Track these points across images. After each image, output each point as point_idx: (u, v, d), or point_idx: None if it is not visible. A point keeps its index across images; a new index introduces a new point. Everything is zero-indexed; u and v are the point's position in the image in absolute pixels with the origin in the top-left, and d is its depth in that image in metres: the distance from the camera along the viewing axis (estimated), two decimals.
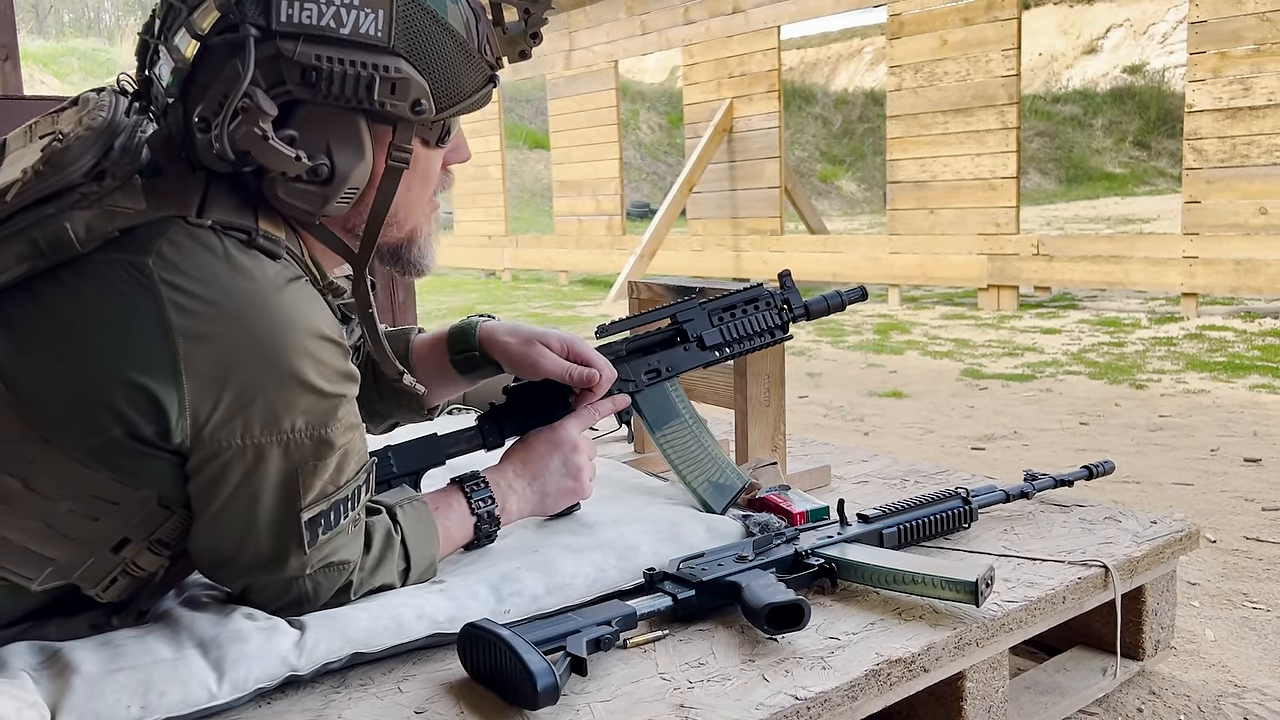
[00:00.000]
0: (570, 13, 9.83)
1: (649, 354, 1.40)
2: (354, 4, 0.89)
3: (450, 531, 1.16)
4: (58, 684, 0.90)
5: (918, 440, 3.29)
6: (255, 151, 0.89)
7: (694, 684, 0.97)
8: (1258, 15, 5.50)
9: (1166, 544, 1.35)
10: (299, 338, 0.92)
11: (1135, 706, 1.37)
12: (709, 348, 1.41)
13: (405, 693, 0.97)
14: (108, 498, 0.91)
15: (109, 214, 0.88)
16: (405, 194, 1.03)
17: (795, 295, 1.45)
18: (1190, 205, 5.85)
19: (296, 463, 0.94)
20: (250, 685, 0.94)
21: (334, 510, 0.99)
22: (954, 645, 1.07)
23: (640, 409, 1.39)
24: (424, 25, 0.94)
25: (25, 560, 0.91)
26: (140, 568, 0.98)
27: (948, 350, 5.28)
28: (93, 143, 0.90)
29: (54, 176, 0.87)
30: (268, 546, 0.98)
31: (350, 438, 0.99)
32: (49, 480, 0.89)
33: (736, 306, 1.44)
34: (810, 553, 1.19)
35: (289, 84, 0.90)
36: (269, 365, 0.90)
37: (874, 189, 17.18)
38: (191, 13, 0.89)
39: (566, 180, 10.19)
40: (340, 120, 0.94)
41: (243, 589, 1.02)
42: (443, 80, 0.97)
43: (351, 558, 1.04)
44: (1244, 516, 2.32)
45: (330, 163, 0.94)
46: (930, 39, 6.95)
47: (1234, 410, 3.60)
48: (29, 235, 0.86)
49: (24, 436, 0.87)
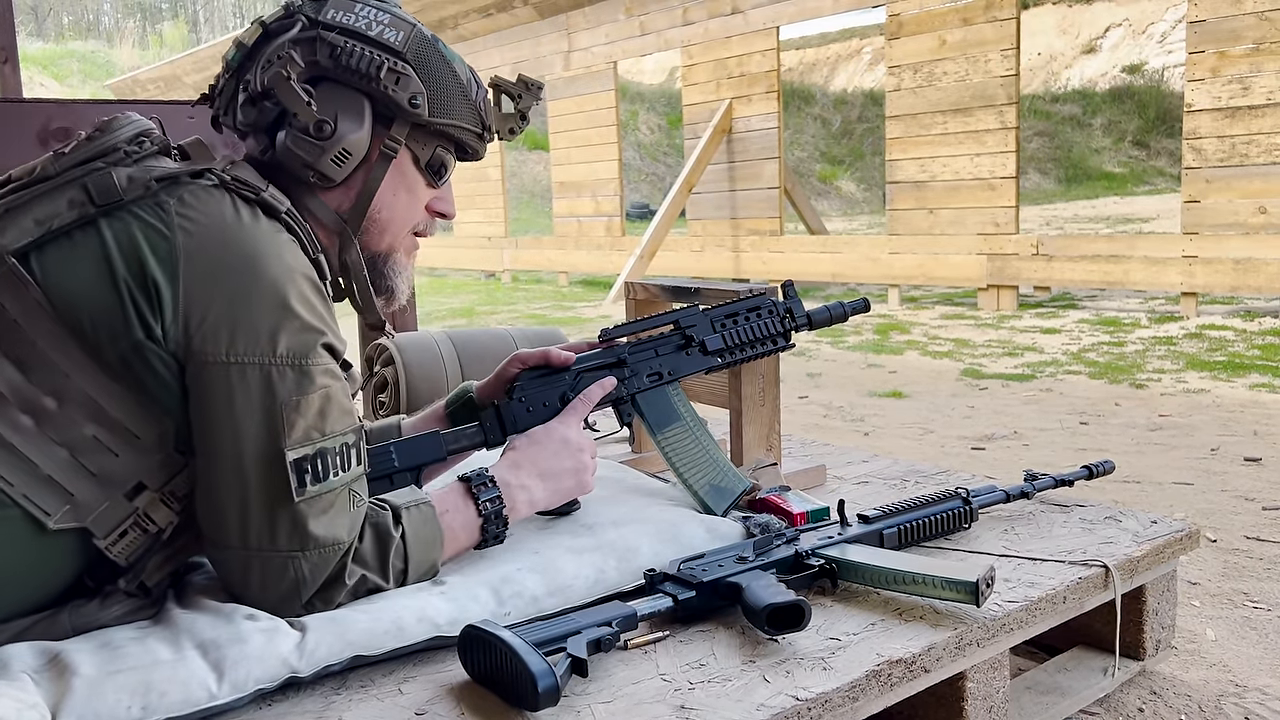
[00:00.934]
0: (569, 14, 9.83)
1: (652, 357, 1.41)
2: (384, 21, 1.14)
3: (456, 533, 1.17)
4: (58, 685, 0.90)
5: (918, 440, 3.29)
6: (279, 89, 1.10)
7: (695, 685, 0.97)
8: (1256, 15, 5.50)
9: (1167, 544, 1.35)
10: (285, 268, 1.05)
11: (1136, 706, 1.37)
12: (711, 353, 1.43)
13: (406, 694, 0.97)
14: (130, 426, 1.01)
15: (146, 169, 1.05)
16: (390, 198, 1.20)
17: (798, 305, 1.47)
18: (1189, 205, 5.85)
19: (278, 394, 1.01)
20: (250, 686, 0.94)
21: (320, 459, 1.02)
22: (955, 645, 1.07)
23: (642, 411, 1.40)
24: (432, 53, 1.17)
25: (46, 490, 0.98)
26: (151, 520, 1.03)
27: (948, 350, 5.28)
28: (132, 120, 1.09)
29: (103, 138, 1.06)
30: (258, 488, 1.00)
31: (330, 382, 1.05)
32: (79, 398, 0.99)
33: (740, 314, 1.46)
34: (811, 553, 1.19)
35: (318, 57, 1.12)
36: (256, 282, 1.02)
37: (873, 189, 17.18)
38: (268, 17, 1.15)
39: (566, 181, 10.19)
40: (351, 98, 1.14)
41: (242, 569, 1.03)
42: (438, 94, 1.17)
43: (345, 537, 1.05)
44: (1244, 516, 2.32)
45: (334, 124, 1.13)
46: (929, 39, 6.95)
47: (1234, 409, 3.60)
48: (81, 182, 1.03)
49: (64, 349, 0.99)
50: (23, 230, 1.00)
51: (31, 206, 1.02)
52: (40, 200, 1.02)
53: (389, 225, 1.22)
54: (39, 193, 1.02)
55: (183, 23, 34.12)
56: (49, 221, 1.01)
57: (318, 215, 1.18)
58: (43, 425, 0.98)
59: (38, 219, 1.01)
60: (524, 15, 10.24)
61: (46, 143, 2.18)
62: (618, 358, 1.40)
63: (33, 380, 0.98)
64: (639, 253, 8.20)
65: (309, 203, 1.17)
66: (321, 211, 1.18)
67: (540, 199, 16.45)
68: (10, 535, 0.97)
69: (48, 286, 1.00)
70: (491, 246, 11.19)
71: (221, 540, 1.03)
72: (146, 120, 1.12)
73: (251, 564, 1.02)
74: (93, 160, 1.04)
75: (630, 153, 17.61)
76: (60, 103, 2.29)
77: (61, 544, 1.00)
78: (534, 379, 1.35)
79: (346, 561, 1.05)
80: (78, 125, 2.22)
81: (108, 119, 1.08)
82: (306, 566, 1.02)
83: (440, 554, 1.14)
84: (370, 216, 1.19)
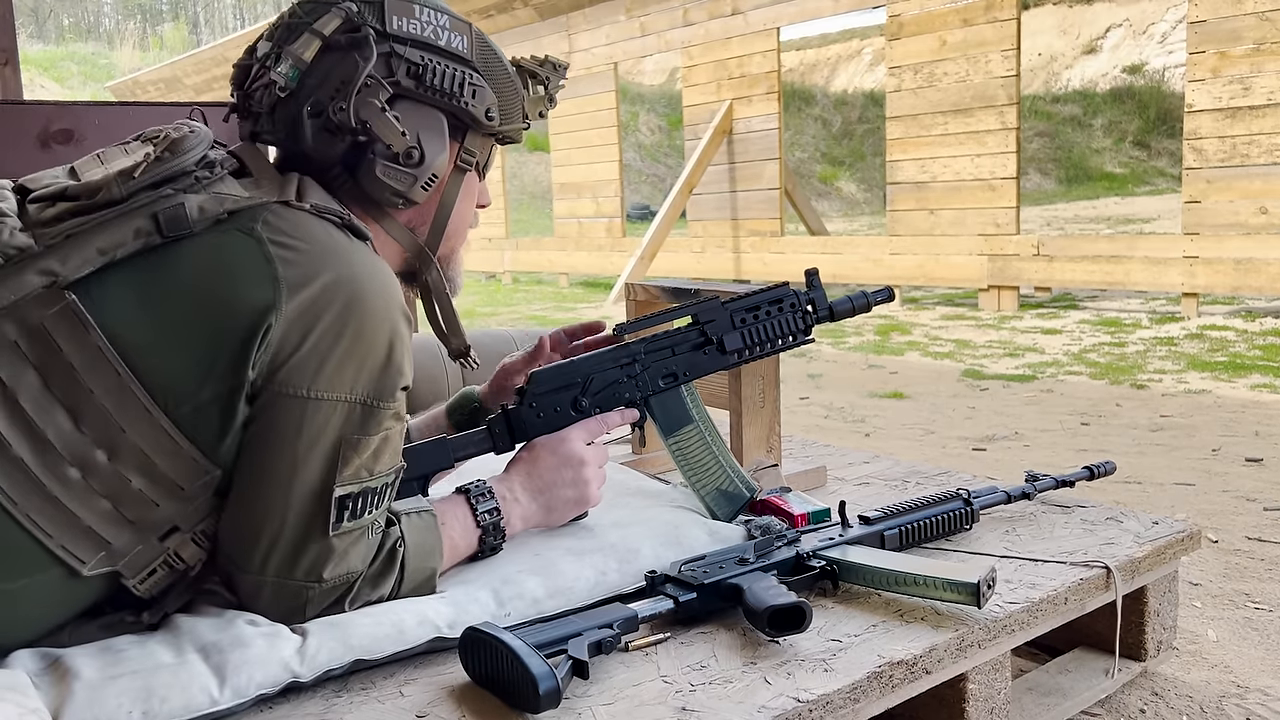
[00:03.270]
0: (569, 15, 9.83)
1: (668, 356, 1.36)
2: (446, 26, 1.09)
3: (455, 542, 1.15)
4: (59, 689, 0.90)
5: (919, 441, 3.29)
6: (373, 121, 1.04)
7: (696, 687, 0.97)
8: (1257, 15, 5.50)
9: (1168, 544, 1.35)
10: (389, 304, 1.01)
11: (1138, 707, 1.36)
12: (729, 351, 1.36)
13: (407, 696, 0.97)
14: (178, 480, 0.96)
15: (218, 198, 0.98)
16: (457, 207, 1.18)
17: (821, 295, 1.39)
18: (1190, 205, 5.85)
19: (345, 431, 0.98)
20: (252, 691, 0.94)
21: (362, 498, 1.01)
22: (956, 647, 1.07)
23: (653, 412, 1.36)
24: (493, 57, 1.14)
25: (85, 541, 0.94)
26: (181, 559, 1.00)
27: (948, 351, 5.28)
28: (201, 138, 1.02)
29: (173, 161, 0.98)
30: (296, 520, 0.98)
31: (394, 426, 1.03)
32: (131, 453, 0.93)
33: (761, 307, 1.38)
34: (812, 555, 1.19)
35: (397, 76, 1.06)
36: (364, 322, 0.98)
37: (874, 190, 17.18)
38: (314, 21, 1.04)
39: (566, 182, 10.19)
40: (430, 116, 1.10)
41: (254, 591, 1.01)
42: (504, 99, 1.15)
43: (359, 568, 1.04)
44: (1246, 516, 2.32)
45: (420, 148, 1.08)
46: (930, 40, 6.95)
47: (1235, 410, 3.59)
48: (150, 210, 0.95)
49: (121, 402, 0.93)
50: (84, 260, 0.92)
51: (96, 234, 0.93)
52: (106, 227, 0.94)
53: (457, 232, 1.20)
54: (105, 219, 0.94)
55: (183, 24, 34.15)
56: (113, 251, 0.93)
57: (393, 235, 1.15)
58: (89, 478, 0.93)
59: (102, 248, 0.93)
60: (524, 16, 10.24)
61: (47, 144, 2.18)
62: (632, 357, 1.34)
63: (84, 430, 0.92)
64: (639, 254, 8.20)
65: (384, 225, 1.14)
66: (398, 233, 1.15)
67: (541, 200, 16.44)
68: (45, 583, 0.94)
69: (110, 328, 0.92)
70: (492, 247, 11.19)
71: (242, 564, 1.01)
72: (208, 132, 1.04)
73: (264, 588, 1.01)
74: (162, 184, 0.97)
75: (631, 154, 17.61)
76: (61, 104, 2.29)
77: (91, 584, 0.97)
78: (547, 387, 1.29)
79: (354, 586, 1.04)
80: (78, 127, 2.22)
81: (178, 136, 1.00)
82: (318, 594, 1.02)
83: (439, 563, 1.12)
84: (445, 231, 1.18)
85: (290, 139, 1.07)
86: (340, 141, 1.06)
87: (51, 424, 0.91)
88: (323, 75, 1.04)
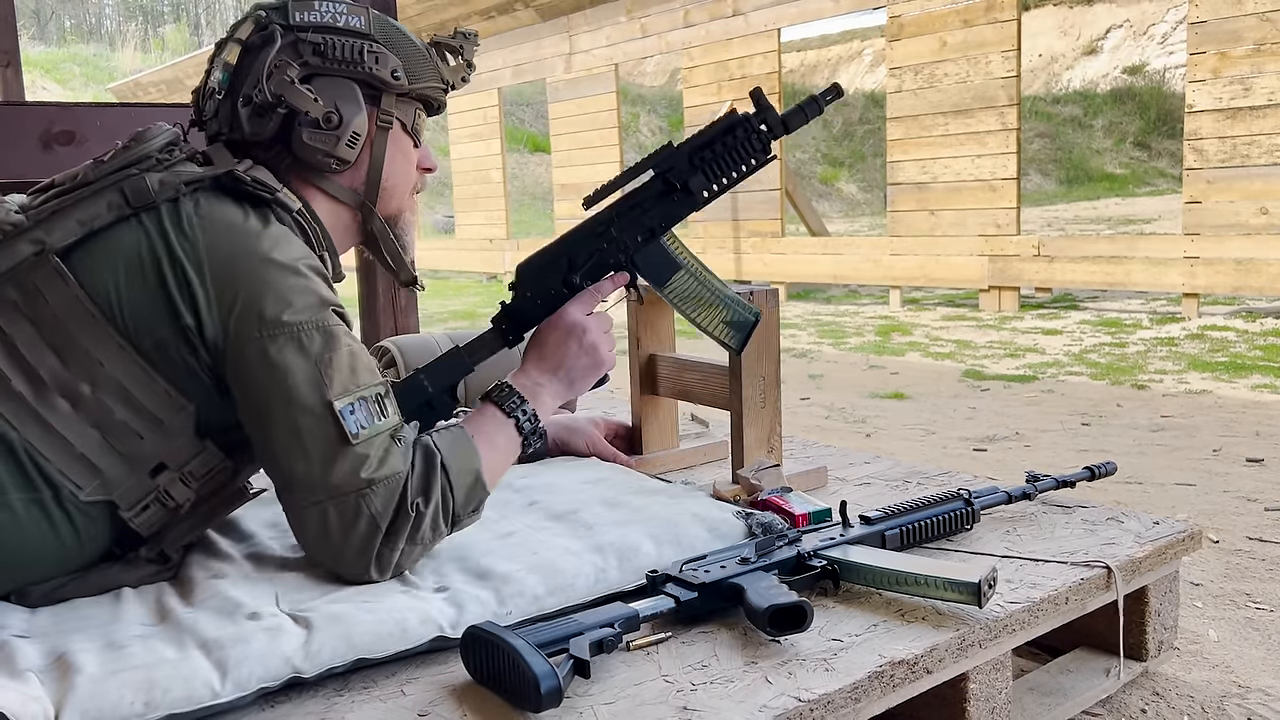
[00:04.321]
0: (570, 16, 9.84)
1: (640, 214, 1.38)
2: (344, 11, 1.25)
3: (498, 445, 1.25)
4: (62, 684, 0.91)
5: (920, 442, 3.29)
6: (287, 94, 1.19)
7: (697, 686, 0.97)
8: (1257, 15, 5.50)
9: (1169, 544, 1.35)
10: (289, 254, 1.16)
11: (1139, 708, 1.36)
12: (695, 192, 1.37)
13: (408, 695, 0.97)
14: (156, 411, 1.12)
15: (175, 173, 1.16)
16: (391, 165, 1.31)
17: (771, 112, 1.36)
18: (1191, 205, 5.85)
19: (311, 352, 1.12)
20: (253, 685, 0.94)
21: (361, 405, 1.13)
22: (957, 646, 1.07)
23: (641, 270, 1.39)
24: (392, 29, 1.29)
25: (80, 466, 1.09)
26: (171, 497, 1.14)
27: (949, 352, 5.28)
28: (163, 132, 1.21)
29: (138, 147, 1.18)
30: (314, 444, 1.10)
31: (352, 342, 1.16)
32: (112, 385, 1.10)
33: (715, 142, 1.37)
34: (813, 554, 1.19)
35: (305, 56, 1.22)
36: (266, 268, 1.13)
37: (874, 191, 17.18)
38: (235, 32, 1.24)
39: (567, 183, 10.19)
40: (343, 85, 1.25)
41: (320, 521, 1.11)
42: (410, 64, 1.29)
43: (402, 467, 1.13)
44: (1247, 517, 2.32)
45: (338, 112, 1.23)
46: (930, 41, 6.95)
47: (1236, 410, 3.59)
48: (119, 186, 1.14)
49: (99, 340, 1.10)
50: (67, 230, 1.12)
51: (75, 209, 1.13)
52: (83, 203, 1.13)
53: (396, 190, 1.33)
54: (81, 196, 1.14)
55: (184, 26, 34.17)
56: (90, 222, 1.13)
57: (339, 197, 1.30)
58: (79, 409, 1.09)
59: (80, 220, 1.12)
60: (525, 18, 10.24)
61: (49, 145, 2.19)
62: (605, 224, 1.37)
63: (70, 368, 1.10)
64: None
65: (329, 188, 1.29)
66: (341, 193, 1.30)
67: (542, 201, 16.45)
68: (51, 504, 1.09)
69: (87, 282, 1.11)
70: (493, 248, 11.19)
71: (296, 500, 1.13)
72: (174, 129, 1.23)
73: (328, 513, 1.11)
74: (128, 167, 1.16)
75: (631, 155, 17.60)
76: (62, 106, 2.29)
77: (93, 514, 1.11)
78: (534, 272, 1.37)
79: (408, 492, 1.13)
80: (79, 128, 2.22)
81: (142, 130, 1.20)
82: (378, 501, 1.11)
83: (479, 462, 1.20)
84: (381, 186, 1.31)
85: (232, 130, 1.23)
86: (269, 120, 1.21)
87: (43, 364, 1.09)
88: (245, 71, 1.22)
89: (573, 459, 1.67)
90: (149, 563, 1.17)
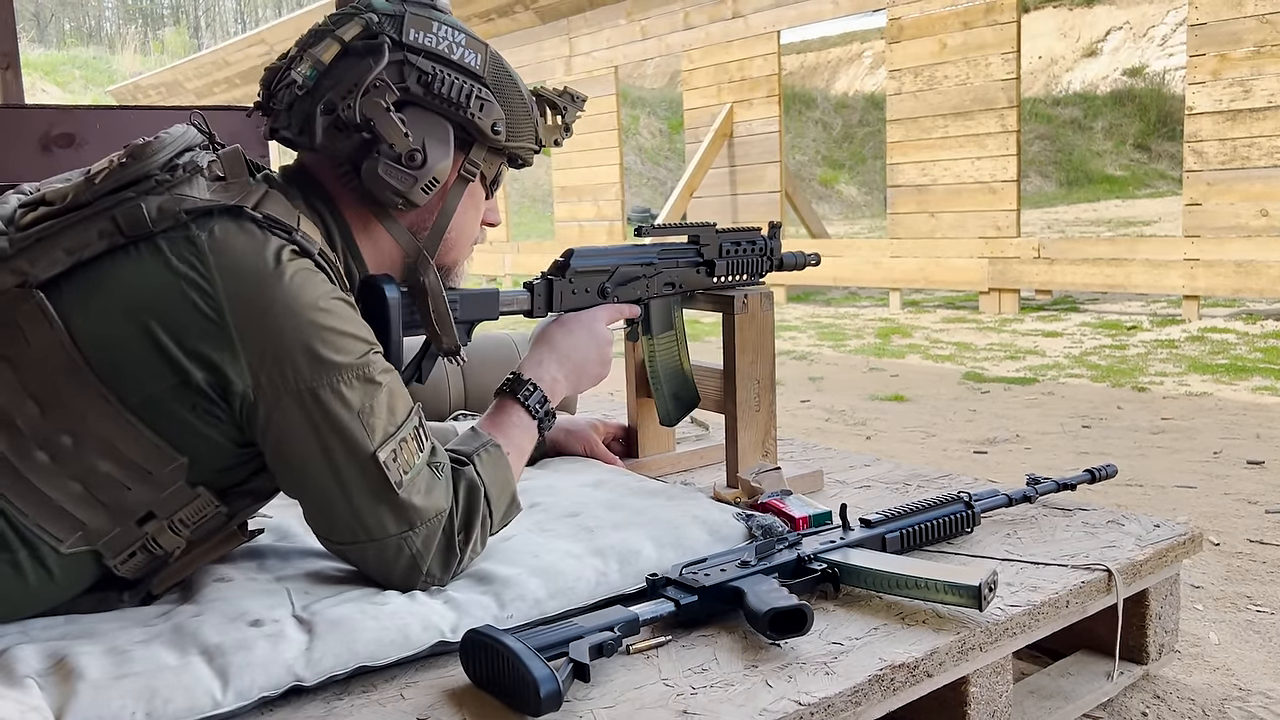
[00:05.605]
0: (570, 18, 9.85)
1: (673, 266, 1.54)
2: (461, 43, 1.15)
3: (524, 452, 1.29)
4: (62, 690, 0.90)
5: (920, 444, 3.29)
6: (377, 120, 1.09)
7: (697, 690, 0.97)
8: (1257, 17, 5.50)
9: (1169, 547, 1.35)
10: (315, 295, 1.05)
11: (1139, 710, 1.36)
12: (713, 274, 1.57)
13: (408, 699, 0.97)
14: (144, 464, 1.01)
15: (177, 199, 1.02)
16: (462, 217, 1.24)
17: (778, 246, 1.64)
18: (1191, 208, 5.85)
19: (355, 405, 1.05)
20: (255, 694, 0.94)
21: (401, 447, 1.08)
22: (957, 650, 1.07)
23: (649, 313, 1.54)
24: (505, 76, 1.20)
25: (59, 520, 1.00)
26: (159, 545, 1.06)
27: (949, 354, 5.28)
28: (167, 144, 1.05)
29: (135, 166, 1.03)
30: (360, 495, 1.06)
31: (389, 377, 1.10)
32: (95, 439, 0.99)
33: (741, 244, 1.59)
34: (813, 558, 1.19)
35: (407, 83, 1.12)
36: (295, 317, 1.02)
37: (874, 193, 17.18)
38: (337, 28, 1.11)
39: (567, 186, 10.20)
40: (437, 124, 1.15)
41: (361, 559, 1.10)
42: (512, 118, 1.20)
43: (444, 504, 1.11)
44: (1247, 519, 2.32)
45: (424, 152, 1.13)
46: (930, 43, 6.96)
47: (1236, 413, 3.59)
48: (111, 213, 1.01)
49: (83, 392, 0.99)
50: (53, 260, 0.99)
51: (62, 236, 1.00)
52: (72, 229, 1.01)
53: (457, 243, 1.26)
54: (70, 222, 1.01)
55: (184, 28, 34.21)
56: (79, 252, 1.00)
57: (394, 235, 1.20)
58: (58, 461, 0.99)
59: (68, 249, 1.00)
60: (525, 20, 10.25)
61: (48, 148, 2.18)
62: (650, 260, 1.51)
63: (48, 419, 0.99)
64: None
65: (386, 224, 1.19)
66: (398, 233, 1.20)
67: (542, 203, 16.45)
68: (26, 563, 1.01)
69: (72, 324, 0.99)
70: (493, 251, 11.20)
71: (336, 545, 1.11)
72: (192, 133, 1.09)
73: (367, 554, 1.09)
74: (124, 188, 1.02)
75: (631, 157, 17.62)
76: (62, 109, 2.29)
77: (75, 560, 1.03)
78: (586, 267, 1.44)
79: (453, 529, 1.11)
80: (79, 131, 2.22)
81: (144, 142, 1.05)
82: (419, 541, 1.09)
83: (514, 482, 1.22)
84: (445, 236, 1.23)
85: (303, 135, 1.13)
86: (347, 139, 1.11)
87: (21, 412, 0.98)
88: (338, 76, 1.10)
89: (572, 461, 1.66)
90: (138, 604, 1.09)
